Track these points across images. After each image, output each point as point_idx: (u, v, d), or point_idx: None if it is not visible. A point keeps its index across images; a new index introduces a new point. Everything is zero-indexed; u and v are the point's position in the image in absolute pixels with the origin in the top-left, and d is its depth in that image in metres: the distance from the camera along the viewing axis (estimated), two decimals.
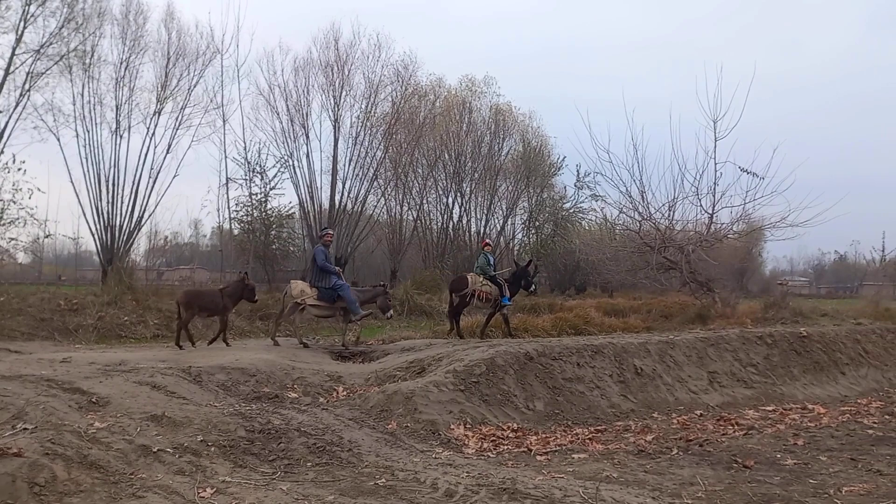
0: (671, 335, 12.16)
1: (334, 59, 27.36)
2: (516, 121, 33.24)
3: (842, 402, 10.63)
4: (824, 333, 13.35)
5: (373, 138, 28.19)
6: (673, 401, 9.88)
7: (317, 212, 27.75)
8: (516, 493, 4.92)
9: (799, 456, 6.05)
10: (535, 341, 10.93)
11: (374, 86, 27.89)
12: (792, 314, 17.83)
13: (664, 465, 5.88)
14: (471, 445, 6.96)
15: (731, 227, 20.70)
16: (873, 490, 4.95)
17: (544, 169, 33.44)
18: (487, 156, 31.74)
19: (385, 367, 9.82)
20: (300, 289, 11.66)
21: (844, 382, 12.16)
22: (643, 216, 20.22)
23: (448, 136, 30.89)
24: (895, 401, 10.86)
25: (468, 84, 32.40)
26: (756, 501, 4.75)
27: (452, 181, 31.34)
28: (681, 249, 19.40)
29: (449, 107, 31.39)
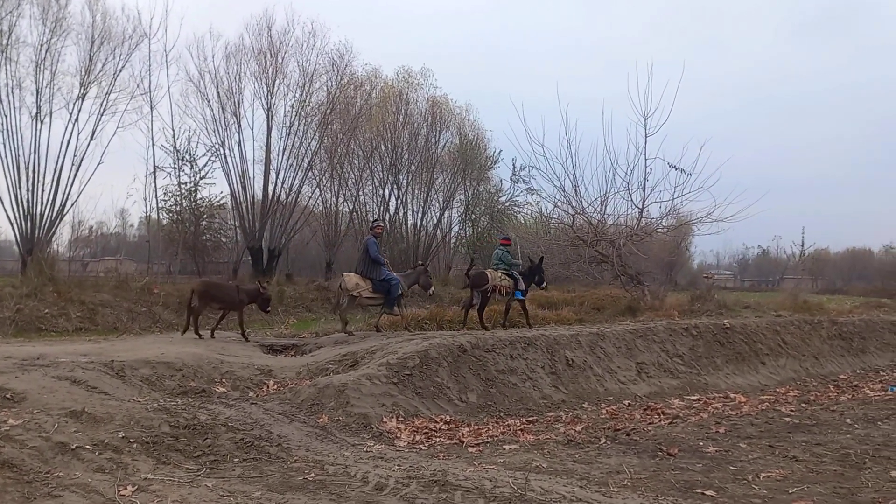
0: (602, 327, 12.41)
1: (267, 47, 26.84)
2: (453, 113, 33.26)
3: (762, 391, 11.06)
4: (746, 325, 13.85)
5: (307, 128, 27.79)
6: (603, 391, 10.09)
7: (249, 202, 27.22)
8: (447, 484, 4.92)
9: (720, 443, 6.24)
10: (469, 333, 10.98)
11: (308, 74, 27.48)
12: (717, 306, 18.45)
13: (592, 455, 5.99)
14: (403, 438, 6.94)
15: (661, 222, 21.24)
16: (789, 475, 5.15)
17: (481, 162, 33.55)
18: (424, 148, 31.66)
19: (317, 361, 9.70)
20: (355, 282, 11.73)
21: (764, 372, 12.65)
22: (576, 210, 20.55)
23: (384, 128, 30.67)
24: (811, 389, 11.36)
25: (405, 75, 32.24)
26: (679, 488, 4.87)
27: (389, 173, 31.16)
28: (612, 243, 19.79)
29: (385, 98, 31.16)
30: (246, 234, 27.32)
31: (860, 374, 13.45)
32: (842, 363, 14.26)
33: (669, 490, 4.83)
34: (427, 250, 32.74)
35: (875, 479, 5.01)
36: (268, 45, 26.84)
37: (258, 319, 15.44)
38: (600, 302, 19.90)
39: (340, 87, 28.44)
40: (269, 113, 27.19)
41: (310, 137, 27.91)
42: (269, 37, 26.87)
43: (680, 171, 19.36)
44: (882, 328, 16.48)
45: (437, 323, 13.83)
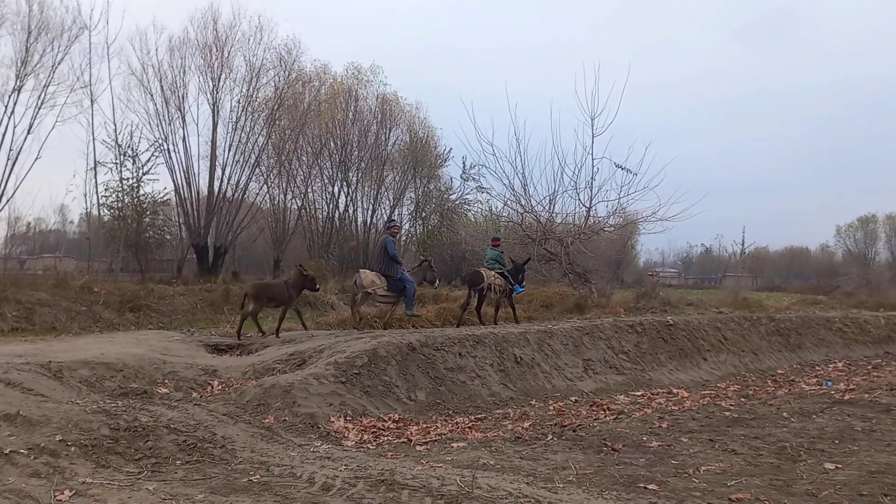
0: (550, 325, 12.55)
1: (213, 40, 26.35)
2: (403, 111, 33.19)
3: (703, 386, 11.34)
4: (689, 322, 14.18)
5: (254, 123, 27.41)
6: (550, 388, 10.20)
7: (194, 198, 26.67)
8: (394, 484, 4.90)
9: (663, 438, 6.36)
10: (418, 332, 10.98)
11: (255, 69, 27.09)
12: (661, 304, 18.86)
13: (539, 451, 6.04)
14: (350, 438, 6.90)
15: (608, 221, 21.60)
16: (728, 468, 5.28)
17: (431, 160, 33.56)
18: (374, 145, 31.51)
19: (264, 360, 9.56)
20: (371, 279, 11.94)
21: (706, 367, 12.98)
22: (525, 209, 20.75)
23: (334, 124, 30.41)
24: (750, 384, 11.69)
25: (354, 72, 32.02)
26: (622, 482, 4.96)
27: (338, 170, 30.90)
28: (560, 241, 20.05)
29: (335, 94, 30.90)
30: (191, 231, 26.77)
31: (797, 369, 13.90)
32: (779, 358, 14.72)
33: (613, 485, 4.91)
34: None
35: (809, 471, 5.18)
36: (213, 38, 26.38)
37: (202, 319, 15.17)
38: (549, 299, 20.12)
39: (288, 83, 28.12)
40: (214, 108, 26.73)
41: (257, 133, 27.54)
42: (215, 31, 26.43)
43: (626, 170, 19.76)
44: (818, 325, 17.06)
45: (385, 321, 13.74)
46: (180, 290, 18.59)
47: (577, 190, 20.42)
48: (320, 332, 11.70)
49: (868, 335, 17.71)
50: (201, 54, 26.33)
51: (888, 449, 5.80)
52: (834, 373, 13.15)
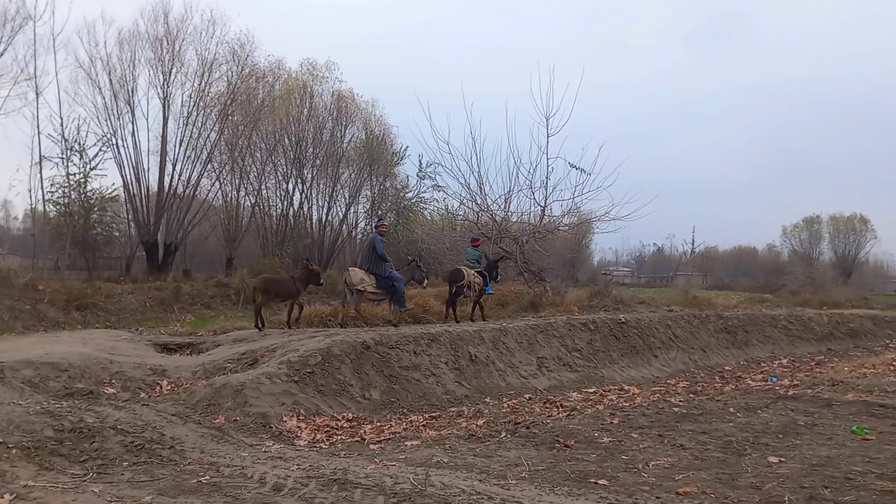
0: (504, 323, 12.63)
1: (164, 34, 25.73)
2: (359, 108, 32.88)
3: (654, 383, 11.55)
4: (641, 320, 14.44)
5: (206, 119, 26.85)
6: (505, 386, 10.27)
7: (143, 195, 26.05)
8: (347, 483, 4.88)
9: (614, 434, 6.46)
10: (372, 330, 10.93)
11: (207, 64, 26.54)
12: (614, 302, 19.15)
13: (493, 448, 6.07)
14: (303, 437, 6.84)
15: (562, 220, 21.82)
16: (676, 463, 5.39)
17: (387, 158, 33.35)
18: (329, 142, 31.19)
19: (214, 360, 9.41)
20: (360, 277, 12.09)
21: (657, 364, 13.23)
22: (481, 207, 20.84)
23: (288, 121, 30.00)
24: (699, 380, 11.95)
25: (309, 68, 31.60)
26: (574, 478, 5.01)
27: (293, 167, 30.50)
28: (516, 240, 20.19)
29: (289, 90, 30.48)
30: (140, 228, 26.15)
31: (743, 366, 14.27)
32: (727, 355, 15.09)
33: (565, 480, 4.96)
34: (332, 246, 32.33)
35: (754, 464, 5.31)
36: (164, 32, 25.75)
37: (152, 318, 14.86)
38: (504, 298, 20.22)
39: (242, 78, 27.65)
40: (165, 102, 26.11)
41: (209, 129, 27.00)
42: (166, 24, 25.80)
43: (580, 170, 20.00)
44: (763, 322, 17.54)
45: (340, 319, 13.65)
46: (129, 289, 18.18)
47: (532, 189, 20.61)
48: (273, 331, 11.55)
49: (811, 332, 18.28)
50: (152, 48, 25.72)
51: (829, 443, 5.99)
52: (779, 369, 13.52)
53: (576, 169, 20.04)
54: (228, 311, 17.48)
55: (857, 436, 6.24)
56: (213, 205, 30.02)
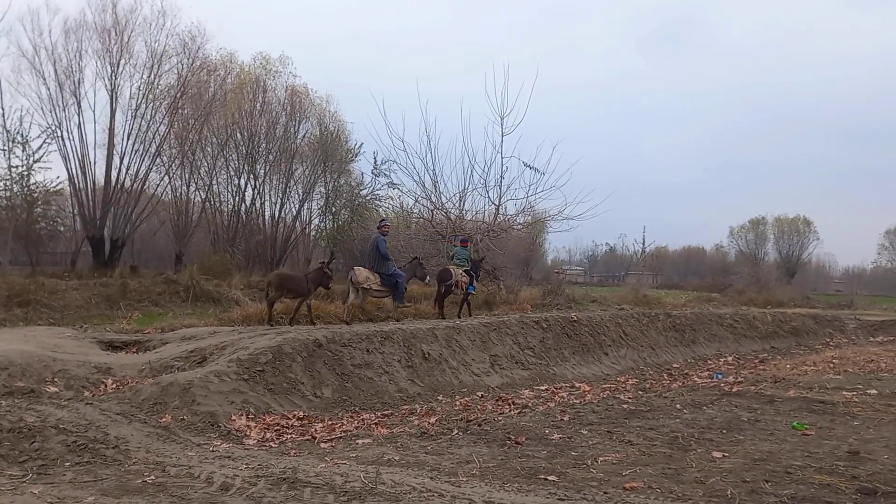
0: (458, 321, 12.66)
1: (112, 24, 25.04)
2: (313, 104, 32.44)
3: (604, 380, 11.74)
4: (592, 318, 14.63)
5: (156, 112, 26.23)
6: (458, 383, 10.30)
7: (90, 188, 25.34)
8: (296, 482, 4.83)
9: (564, 431, 6.53)
10: (325, 328, 10.84)
11: (157, 55, 25.93)
12: (566, 300, 19.41)
13: (444, 446, 6.08)
14: (252, 436, 6.74)
15: (516, 218, 22.00)
16: (624, 459, 5.48)
17: (341, 154, 32.97)
18: (283, 138, 30.73)
19: (162, 357, 9.22)
20: (365, 275, 12.79)
21: (607, 362, 13.43)
22: (435, 205, 20.87)
23: (240, 115, 29.47)
24: (648, 378, 12.19)
25: (263, 62, 31.08)
26: (524, 474, 5.05)
27: (245, 162, 29.98)
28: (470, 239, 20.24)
29: (241, 84, 29.96)
30: (86, 222, 25.43)
31: (691, 363, 14.60)
32: (675, 353, 15.41)
33: (515, 477, 5.00)
34: (285, 243, 31.93)
35: (699, 459, 5.43)
36: (112, 22, 25.06)
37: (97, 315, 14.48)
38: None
39: (192, 71, 27.09)
40: (112, 94, 25.41)
41: (158, 122, 26.38)
42: (114, 14, 25.10)
43: (534, 170, 20.22)
44: (710, 321, 17.96)
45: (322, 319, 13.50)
46: (74, 285, 17.64)
47: (486, 188, 20.74)
48: (223, 329, 11.36)
49: (756, 331, 18.79)
50: (99, 38, 25.00)
51: (770, 438, 6.16)
52: (724, 366, 13.88)
53: (530, 168, 20.26)
54: (177, 309, 17.10)
55: (798, 431, 6.44)
56: (162, 199, 29.40)
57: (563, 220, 21.01)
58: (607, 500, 4.42)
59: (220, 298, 18.80)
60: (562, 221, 21.18)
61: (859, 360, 12.55)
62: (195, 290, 18.95)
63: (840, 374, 10.59)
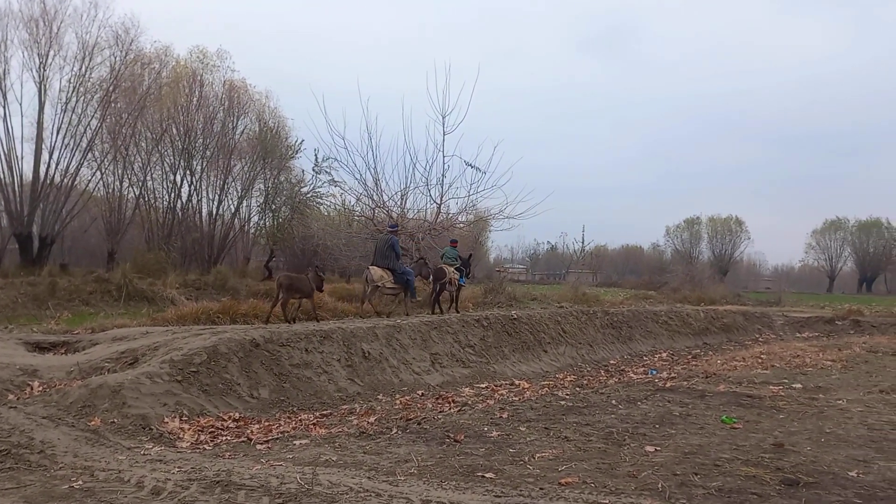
0: (399, 319, 12.63)
1: (40, 14, 24.20)
2: (252, 99, 31.92)
3: (543, 377, 11.88)
4: (532, 316, 14.80)
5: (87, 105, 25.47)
6: (398, 382, 10.27)
7: (16, 184, 24.38)
8: (230, 484, 4.74)
9: (503, 428, 6.59)
10: (262, 327, 10.67)
11: (88, 47, 25.15)
12: (507, 299, 19.59)
13: (383, 445, 6.05)
14: (186, 439, 6.59)
15: (458, 217, 22.06)
16: (560, 455, 5.56)
17: (281, 151, 32.50)
18: (221, 133, 30.12)
19: (91, 359, 8.92)
20: (380, 274, 13.68)
21: (546, 359, 13.60)
22: (377, 203, 20.76)
23: (176, 110, 28.77)
24: (585, 374, 12.40)
25: (199, 56, 30.41)
26: (462, 472, 5.08)
27: (181, 157, 29.28)
28: (412, 237, 20.24)
29: (177, 78, 29.25)
30: (12, 219, 24.46)
31: (627, 360, 14.92)
32: (612, 350, 15.72)
33: (453, 475, 5.01)
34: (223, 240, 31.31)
35: (632, 454, 5.55)
36: (40, 12, 24.21)
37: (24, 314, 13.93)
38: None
39: (126, 64, 26.36)
40: (41, 87, 24.55)
41: (90, 116, 25.61)
42: (43, 3, 24.25)
43: (475, 169, 20.31)
44: (646, 318, 18.38)
45: (230, 316, 13.27)
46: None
47: (428, 186, 20.73)
48: (157, 329, 11.06)
49: (689, 327, 19.33)
50: (26, 28, 24.12)
51: (700, 432, 6.35)
52: (659, 362, 14.23)
53: (471, 167, 20.35)
54: (109, 308, 16.60)
55: (727, 425, 6.65)
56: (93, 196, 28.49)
57: (504, 218, 21.19)
58: (543, 496, 4.48)
59: (154, 297, 18.34)
60: (503, 220, 21.36)
61: (786, 355, 13.03)
62: (128, 289, 18.45)
63: (767, 370, 10.98)
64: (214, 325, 11.79)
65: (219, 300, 16.12)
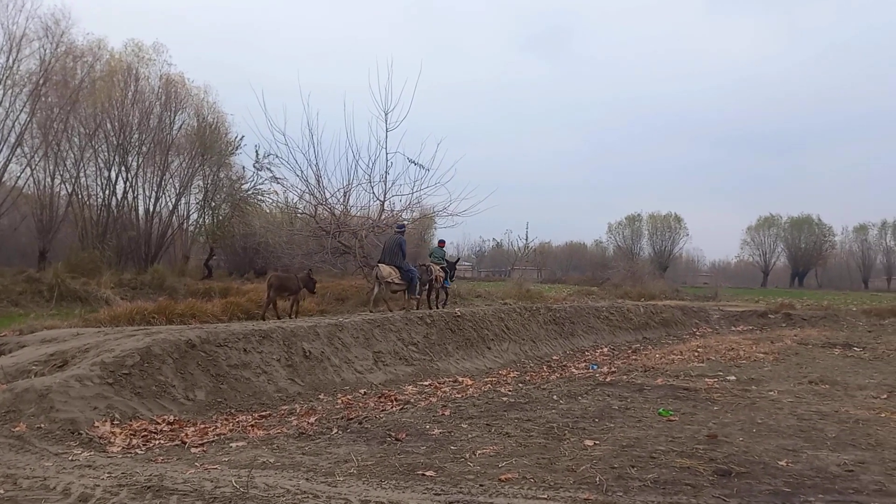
0: (341, 318, 12.51)
1: None
2: (190, 94, 31.18)
3: (487, 374, 11.93)
4: (475, 313, 14.85)
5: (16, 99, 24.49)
6: (340, 381, 10.16)
7: None
8: (162, 489, 4.59)
9: (445, 425, 6.57)
10: (200, 328, 10.41)
11: (15, 39, 24.18)
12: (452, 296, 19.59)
13: (322, 446, 5.96)
14: (117, 443, 6.37)
15: (402, 214, 21.94)
16: (501, 451, 5.56)
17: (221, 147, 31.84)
18: (157, 129, 29.33)
19: (18, 362, 8.55)
20: (388, 271, 14.68)
21: (490, 356, 13.66)
22: (319, 200, 20.49)
23: (111, 105, 27.88)
24: (528, 370, 12.50)
25: (135, 49, 29.55)
26: (402, 471, 5.03)
27: (116, 153, 28.40)
28: (355, 234, 20.06)
29: (112, 72, 28.33)
30: None
31: (569, 355, 15.10)
32: (555, 345, 15.89)
33: (393, 474, 4.97)
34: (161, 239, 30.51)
35: (572, 448, 5.60)
36: None
37: None
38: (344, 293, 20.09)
39: (56, 56, 25.42)
40: None
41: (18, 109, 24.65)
42: None
43: (419, 166, 20.23)
44: (588, 314, 18.65)
45: (166, 317, 12.92)
46: None
47: (371, 183, 20.55)
48: (88, 330, 10.68)
49: (630, 322, 19.69)
50: None
51: (638, 425, 6.45)
52: (600, 357, 14.46)
53: (414, 164, 20.26)
54: (40, 309, 15.98)
55: (663, 417, 6.77)
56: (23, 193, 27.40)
57: (448, 216, 21.16)
58: (483, 493, 4.47)
59: (87, 298, 17.75)
60: (447, 217, 21.33)
61: (721, 348, 13.39)
62: (60, 289, 17.82)
63: (703, 363, 11.25)
64: (149, 326, 11.45)
65: (155, 300, 15.69)
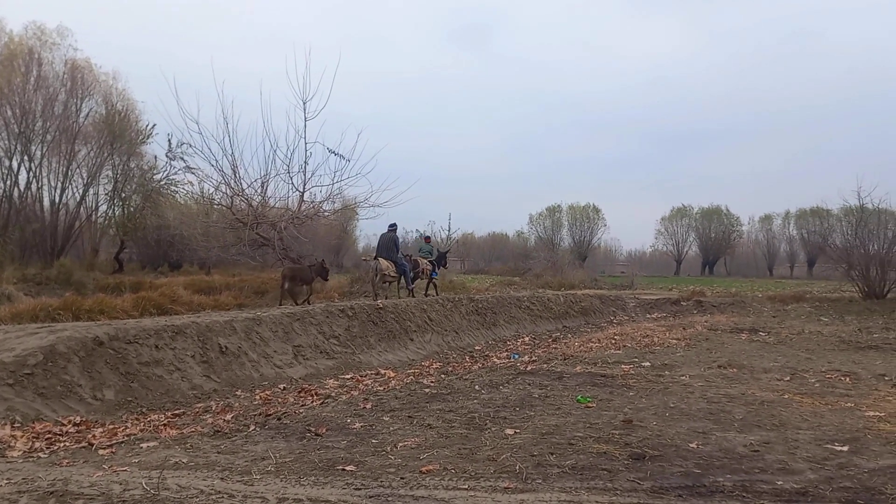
0: (259, 312, 12.22)
1: None
2: (98, 80, 29.70)
3: (409, 366, 11.90)
4: (398, 305, 14.79)
5: None
6: (258, 377, 9.93)
7: None
8: (67, 494, 4.35)
9: (366, 419, 6.50)
10: (109, 324, 9.95)
11: None
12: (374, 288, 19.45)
13: (239, 444, 5.79)
14: (18, 447, 6.00)
15: (322, 205, 21.63)
16: (423, 443, 5.54)
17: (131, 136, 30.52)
18: (63, 116, 27.85)
19: None
20: (386, 265, 16.48)
21: (413, 348, 13.63)
22: (235, 191, 19.94)
23: (11, 90, 26.30)
24: (451, 361, 12.54)
25: (37, 32, 27.91)
26: (322, 467, 4.94)
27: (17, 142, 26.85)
28: (274, 226, 19.65)
29: (11, 56, 26.71)
30: None
31: (491, 345, 15.25)
32: (477, 336, 16.02)
33: (312, 470, 4.87)
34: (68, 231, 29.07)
35: (493, 437, 5.63)
36: None
37: None
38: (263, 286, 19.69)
39: None
40: None
41: None
42: None
43: (339, 156, 19.99)
44: (510, 304, 18.88)
45: (73, 313, 12.31)
46: None
47: (290, 174, 20.15)
48: None
49: (550, 311, 20.06)
50: None
51: (558, 412, 6.55)
52: (521, 346, 14.66)
53: (334, 154, 20.00)
54: None
55: (582, 404, 6.91)
56: None
57: (369, 207, 21.01)
58: (404, 486, 4.43)
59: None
60: (369, 209, 21.17)
61: (637, 335, 13.80)
62: None
63: (620, 350, 11.56)
64: (54, 323, 10.85)
65: (62, 296, 14.94)
